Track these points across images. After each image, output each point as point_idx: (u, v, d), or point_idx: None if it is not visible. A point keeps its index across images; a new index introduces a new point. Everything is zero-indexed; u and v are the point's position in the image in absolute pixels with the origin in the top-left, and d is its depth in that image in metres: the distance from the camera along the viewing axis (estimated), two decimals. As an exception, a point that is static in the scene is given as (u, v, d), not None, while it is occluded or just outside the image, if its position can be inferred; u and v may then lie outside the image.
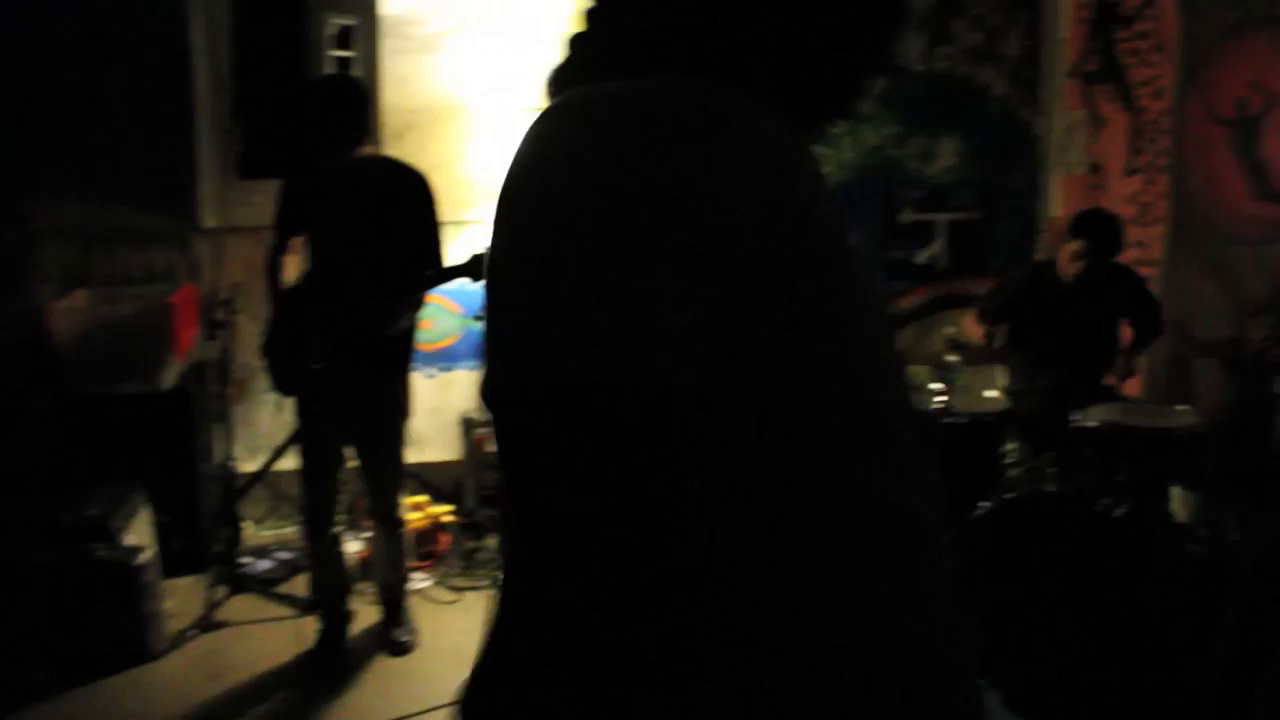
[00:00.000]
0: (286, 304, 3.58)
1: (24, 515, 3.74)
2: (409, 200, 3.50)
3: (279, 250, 3.64)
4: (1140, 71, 5.01)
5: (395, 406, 3.62)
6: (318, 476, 3.62)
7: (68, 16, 4.48)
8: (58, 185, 4.59)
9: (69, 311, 4.30)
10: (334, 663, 3.66)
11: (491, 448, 4.72)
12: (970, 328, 4.56)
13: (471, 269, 3.28)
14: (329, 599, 3.74)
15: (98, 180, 4.63)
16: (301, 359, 3.43)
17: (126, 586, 3.63)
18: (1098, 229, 4.19)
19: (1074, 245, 4.16)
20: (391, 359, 3.58)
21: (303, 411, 3.59)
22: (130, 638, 3.65)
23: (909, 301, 5.53)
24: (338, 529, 3.73)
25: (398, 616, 3.82)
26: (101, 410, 4.20)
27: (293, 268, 3.66)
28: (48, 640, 3.54)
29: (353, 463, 3.71)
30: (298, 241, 3.64)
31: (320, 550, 3.70)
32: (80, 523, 3.73)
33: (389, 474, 3.70)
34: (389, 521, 3.74)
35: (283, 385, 3.55)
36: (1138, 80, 5.03)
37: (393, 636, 3.77)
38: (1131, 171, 5.08)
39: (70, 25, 4.49)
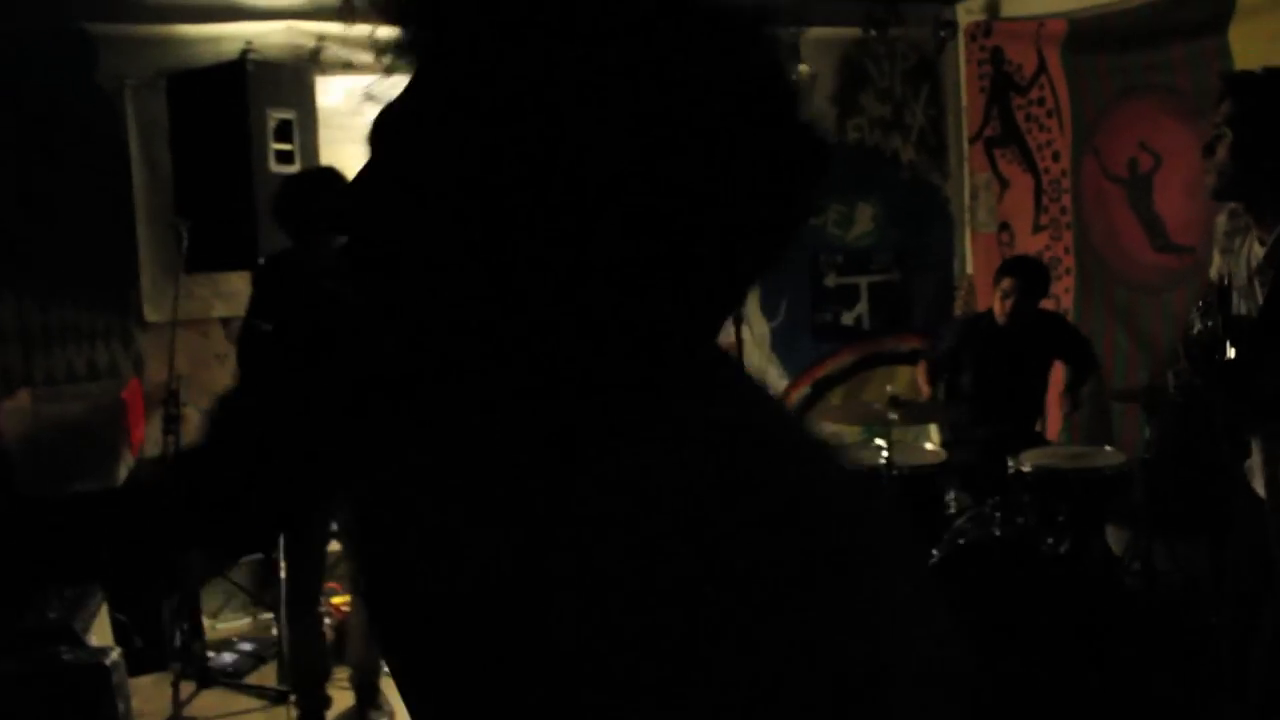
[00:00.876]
0: (221, 410, 3.61)
1: (-16, 623, 3.67)
2: None
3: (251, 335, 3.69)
4: (1038, 135, 5.37)
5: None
6: (305, 556, 3.66)
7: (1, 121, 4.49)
8: (-7, 286, 4.56)
9: (15, 412, 4.26)
10: None
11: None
12: (920, 381, 4.82)
13: None
14: (308, 683, 3.75)
15: (36, 279, 4.60)
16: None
17: (98, 689, 3.58)
18: (1024, 269, 4.51)
19: (1005, 283, 4.45)
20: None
21: None
22: (102, 741, 3.60)
23: (839, 361, 5.77)
24: (322, 609, 3.75)
25: (374, 698, 3.83)
26: (50, 508, 4.15)
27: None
28: (18, 750, 3.48)
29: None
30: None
31: (300, 634, 3.71)
32: (44, 627, 3.69)
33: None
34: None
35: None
36: (1036, 143, 5.39)
37: (371, 719, 3.78)
38: (1038, 229, 5.42)
39: (3, 129, 4.49)
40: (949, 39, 5.71)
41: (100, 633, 3.93)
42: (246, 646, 4.39)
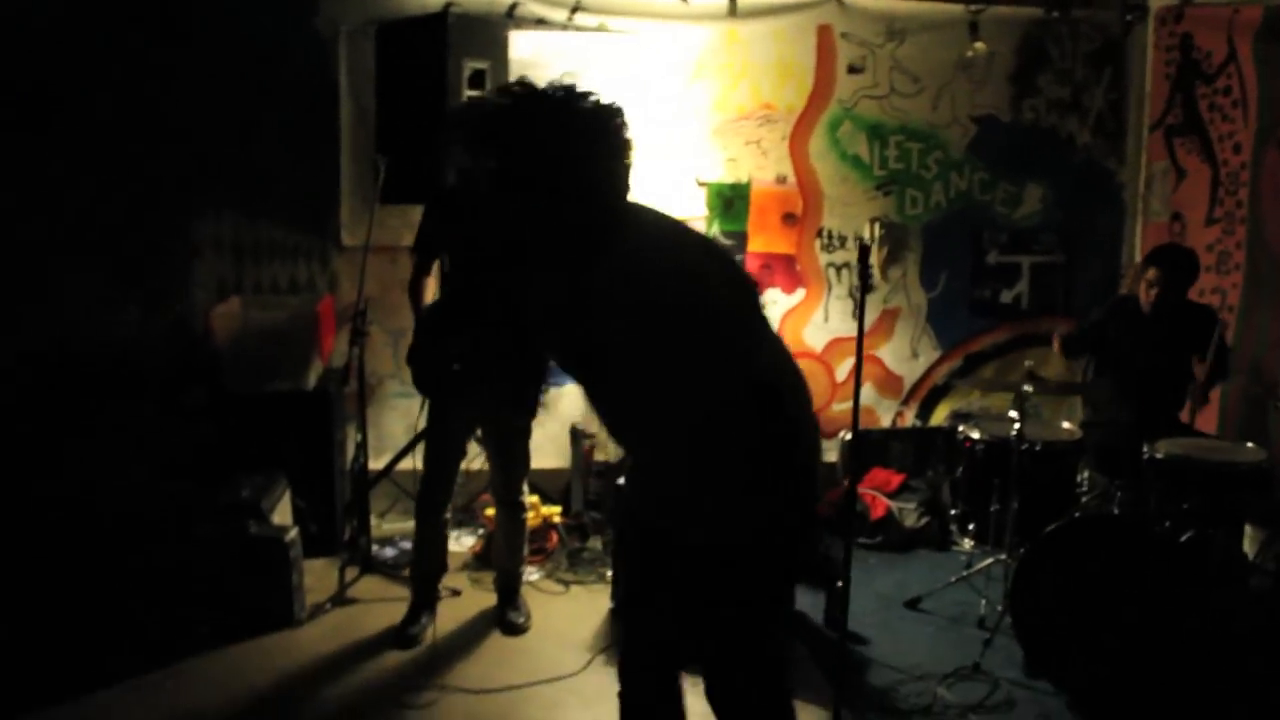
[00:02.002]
0: (429, 316, 4.01)
1: (189, 495, 4.21)
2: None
3: (422, 269, 4.08)
4: (1220, 126, 5.27)
5: (524, 404, 4.01)
6: (441, 466, 4.06)
7: (229, 59, 5.00)
8: (216, 204, 5.11)
9: (226, 316, 4.80)
10: (418, 636, 4.04)
11: (598, 457, 5.16)
12: (1054, 346, 4.86)
13: None
14: (425, 577, 4.16)
15: (251, 200, 5.14)
16: (440, 363, 3.87)
17: (277, 560, 4.09)
18: (1171, 258, 4.48)
19: (1150, 273, 4.44)
20: (518, 363, 3.92)
21: (436, 409, 4.02)
22: (277, 606, 4.10)
23: (993, 338, 5.82)
24: (446, 516, 4.14)
25: (514, 600, 4.22)
26: (252, 405, 4.68)
27: (431, 287, 4.11)
28: (209, 603, 4.00)
29: (475, 463, 4.12)
30: (436, 262, 4.08)
31: (427, 533, 4.11)
32: (236, 503, 4.21)
33: (516, 463, 4.13)
34: (513, 505, 4.16)
35: (424, 387, 3.99)
36: (1218, 134, 5.29)
37: (508, 618, 4.17)
38: (1211, 221, 5.33)
39: (231, 66, 5.01)
40: (1137, 22, 5.63)
41: (282, 516, 4.43)
42: (405, 544, 4.83)
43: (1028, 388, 4.17)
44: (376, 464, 5.00)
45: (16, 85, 4.77)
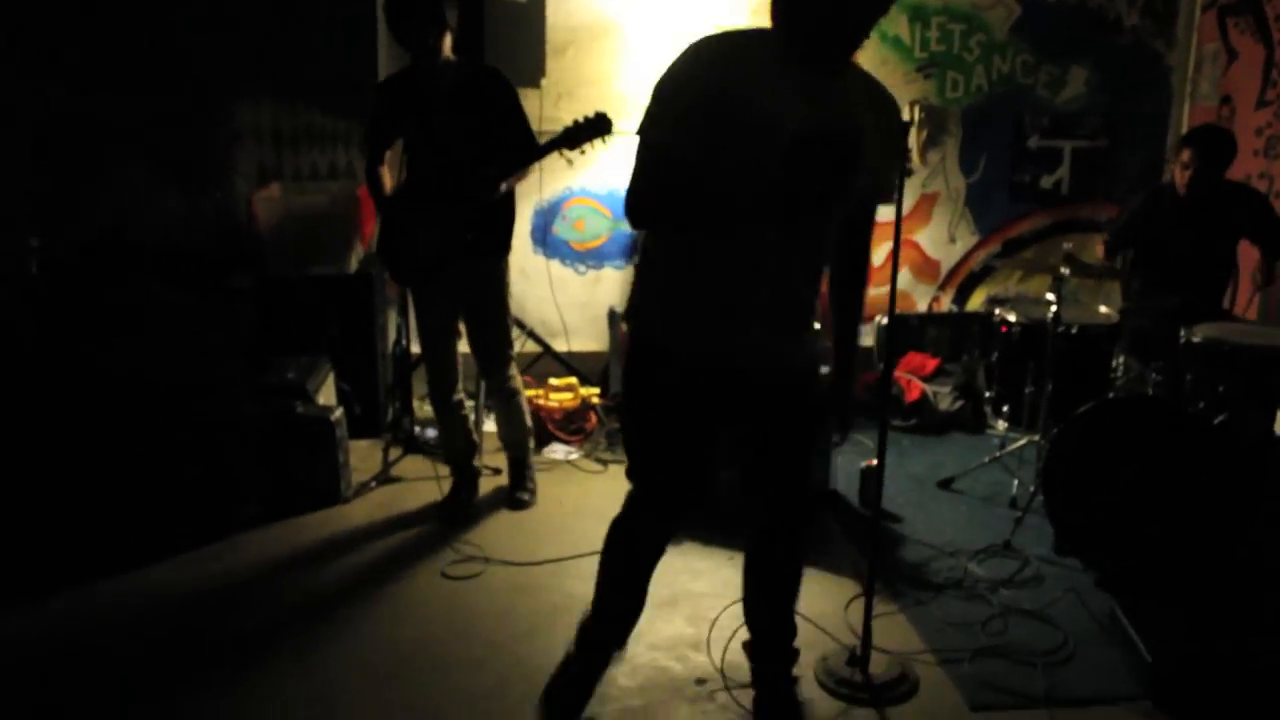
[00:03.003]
0: (393, 205, 3.98)
1: (236, 375, 4.31)
2: (489, 93, 3.83)
3: (376, 159, 4.01)
4: (1278, 4, 5.12)
5: (496, 286, 4.01)
6: (435, 352, 4.10)
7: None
8: (254, 90, 5.11)
9: (269, 201, 4.85)
10: (459, 512, 4.16)
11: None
12: (1099, 251, 4.82)
13: (599, 125, 3.70)
14: (456, 457, 4.26)
15: (289, 86, 5.14)
16: (411, 254, 3.90)
17: (323, 439, 4.20)
18: (1204, 138, 4.38)
19: (1184, 155, 4.36)
20: (489, 245, 3.93)
21: (418, 299, 4.07)
22: (324, 483, 4.23)
23: (1032, 224, 5.78)
24: (458, 397, 4.18)
25: (520, 476, 4.34)
26: (294, 289, 4.76)
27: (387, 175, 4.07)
28: (257, 480, 4.13)
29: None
30: (393, 149, 4.03)
31: (445, 416, 4.19)
32: (282, 384, 4.31)
33: (496, 347, 4.11)
34: (501, 391, 4.19)
35: (400, 278, 4.04)
36: (1275, 12, 5.14)
37: (515, 495, 4.30)
38: (1262, 104, 5.22)
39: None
40: (1193, -105, 5.45)
41: (326, 397, 4.54)
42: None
43: (1065, 270, 4.16)
44: (417, 347, 5.08)
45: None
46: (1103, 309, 4.57)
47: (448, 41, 3.78)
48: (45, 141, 4.91)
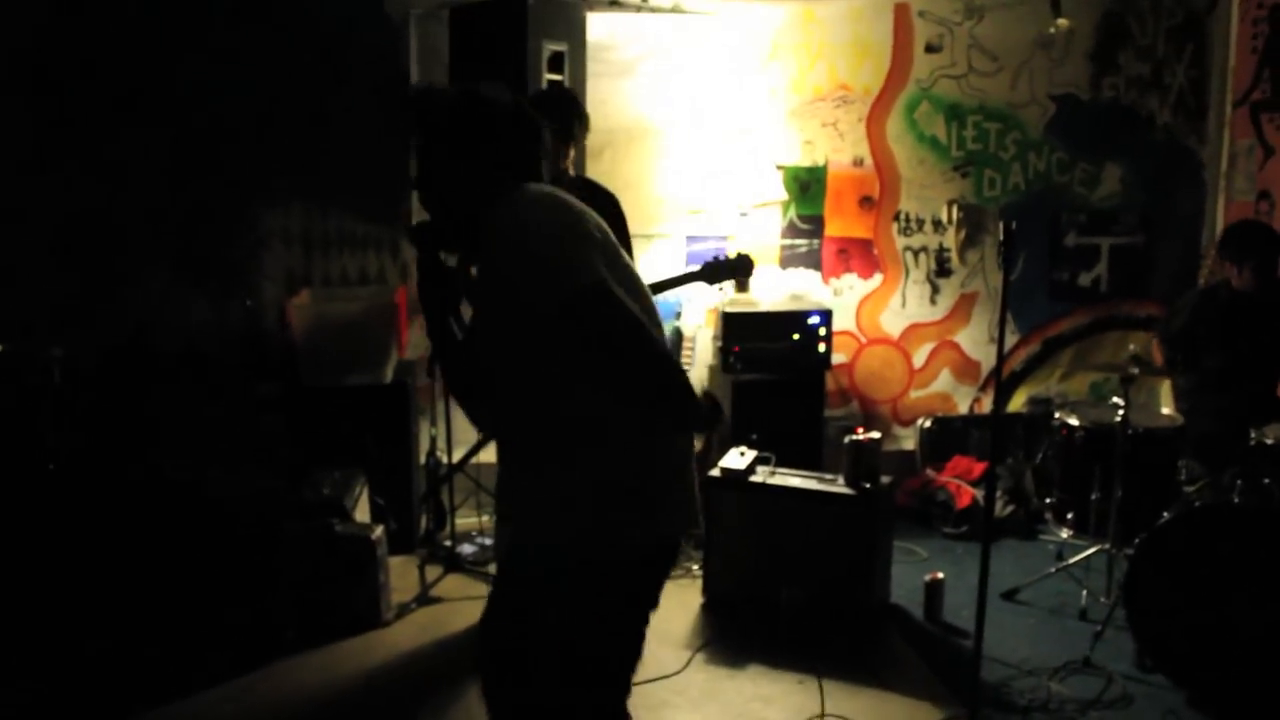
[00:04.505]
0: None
1: (270, 492, 4.13)
2: (606, 216, 3.79)
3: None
4: (1312, 101, 5.11)
5: None
6: None
7: (297, 45, 4.91)
8: (284, 194, 5.02)
9: (303, 308, 4.71)
10: None
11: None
12: (1155, 353, 4.73)
13: (741, 265, 3.60)
14: None
15: (320, 190, 5.05)
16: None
17: (363, 560, 4.00)
18: (1262, 244, 4.36)
19: (1243, 267, 4.33)
20: None
21: None
22: (364, 605, 4.02)
23: (1072, 322, 5.69)
24: None
25: None
26: (327, 399, 4.59)
27: None
28: (295, 604, 3.92)
29: None
30: None
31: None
32: (320, 500, 4.13)
33: None
34: None
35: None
36: (1308, 110, 5.13)
37: None
38: (1302, 199, 5.17)
39: (300, 51, 4.92)
40: (1221, -4, 5.48)
41: (361, 512, 4.36)
42: (485, 540, 4.75)
43: (1134, 370, 4.04)
44: (449, 458, 4.91)
45: (95, 75, 4.71)
46: (1165, 411, 4.46)
47: (572, 155, 3.73)
48: (67, 244, 4.79)
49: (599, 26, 4.94)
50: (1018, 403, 5.73)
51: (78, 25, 4.65)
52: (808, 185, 5.38)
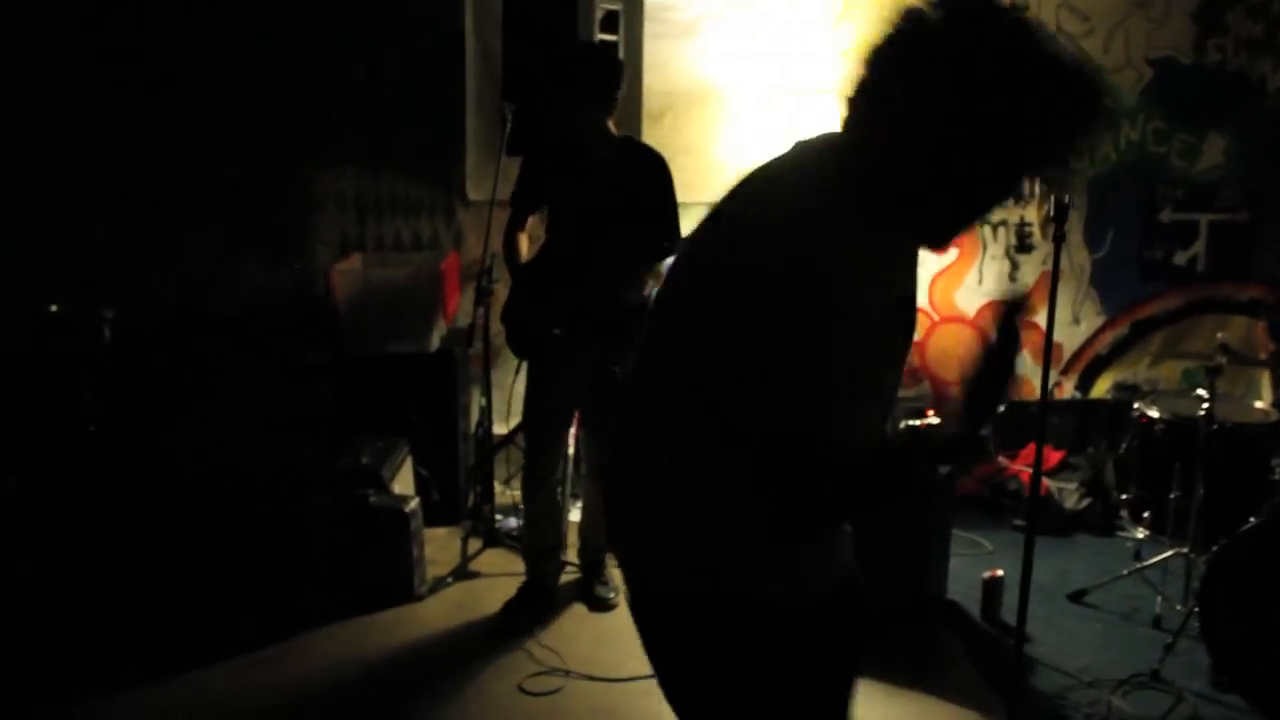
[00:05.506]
0: (527, 273, 3.76)
1: (308, 461, 4.06)
2: (647, 179, 3.64)
3: (516, 223, 3.83)
4: None
5: (608, 368, 3.70)
6: (543, 433, 3.86)
7: (352, 5, 4.80)
8: (337, 158, 4.93)
9: (348, 273, 4.62)
10: (526, 619, 3.80)
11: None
12: (1259, 338, 4.36)
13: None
14: (536, 555, 3.93)
15: (373, 154, 4.95)
16: (539, 325, 3.64)
17: (397, 531, 3.90)
18: None
19: None
20: (625, 328, 3.61)
21: (534, 374, 3.81)
22: (397, 578, 3.92)
23: (1164, 303, 5.31)
24: (556, 484, 3.92)
25: (600, 573, 3.99)
26: (373, 366, 4.51)
27: (524, 242, 3.86)
28: (325, 574, 3.85)
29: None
30: (534, 216, 3.86)
31: (534, 508, 3.90)
32: (356, 469, 4.04)
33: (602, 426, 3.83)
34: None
35: (520, 349, 3.77)
36: None
37: (595, 592, 3.95)
38: None
39: (354, 13, 4.80)
40: (1346, -53, 5.01)
41: (403, 483, 4.26)
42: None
43: (1221, 359, 3.72)
44: (501, 428, 4.80)
45: (149, 43, 4.67)
46: (1258, 404, 4.11)
47: (614, 116, 3.62)
48: (123, 208, 4.78)
49: (659, -16, 4.72)
50: (1102, 388, 5.39)
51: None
52: (880, 153, 5.09)
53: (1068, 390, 5.36)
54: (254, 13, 4.72)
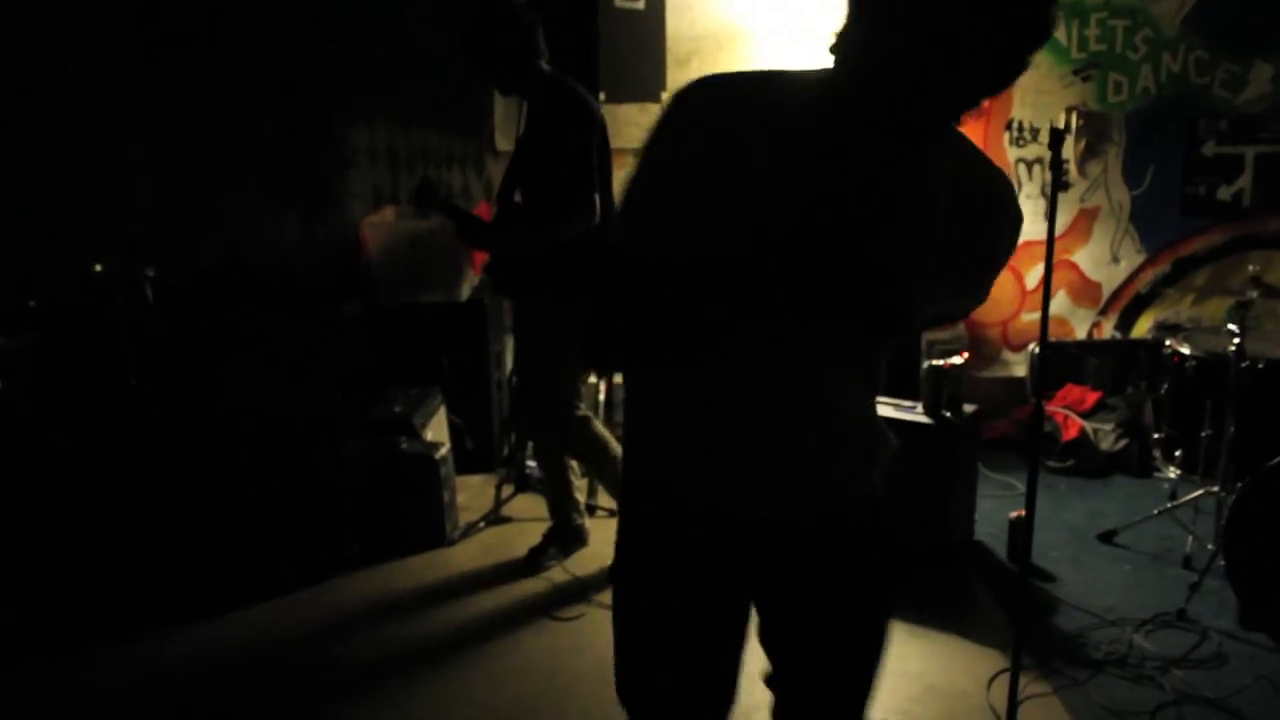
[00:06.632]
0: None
1: (342, 409, 4.15)
2: (534, 115, 3.40)
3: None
4: None
5: (529, 332, 3.64)
6: (525, 394, 3.83)
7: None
8: (369, 111, 4.98)
9: (379, 226, 4.69)
10: (541, 564, 3.85)
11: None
12: None
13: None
14: (553, 501, 3.96)
15: (404, 107, 4.99)
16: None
17: (428, 478, 3.99)
18: None
19: None
20: (519, 284, 3.54)
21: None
22: (429, 523, 4.02)
23: (1207, 240, 5.19)
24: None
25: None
26: (405, 318, 4.59)
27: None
28: (360, 519, 3.96)
29: None
30: None
31: (547, 468, 3.90)
32: (389, 418, 4.13)
33: (527, 394, 3.76)
34: (541, 450, 3.90)
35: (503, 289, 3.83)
36: None
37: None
38: None
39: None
40: None
41: (437, 431, 4.34)
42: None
43: (1253, 294, 3.64)
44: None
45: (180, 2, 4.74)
46: (1294, 340, 4.02)
47: (538, 57, 3.41)
48: (162, 168, 4.87)
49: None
50: (1143, 328, 5.29)
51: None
52: (911, 93, 5.02)
53: (1107, 330, 5.28)
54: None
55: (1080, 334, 5.30)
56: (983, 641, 3.33)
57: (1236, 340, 3.61)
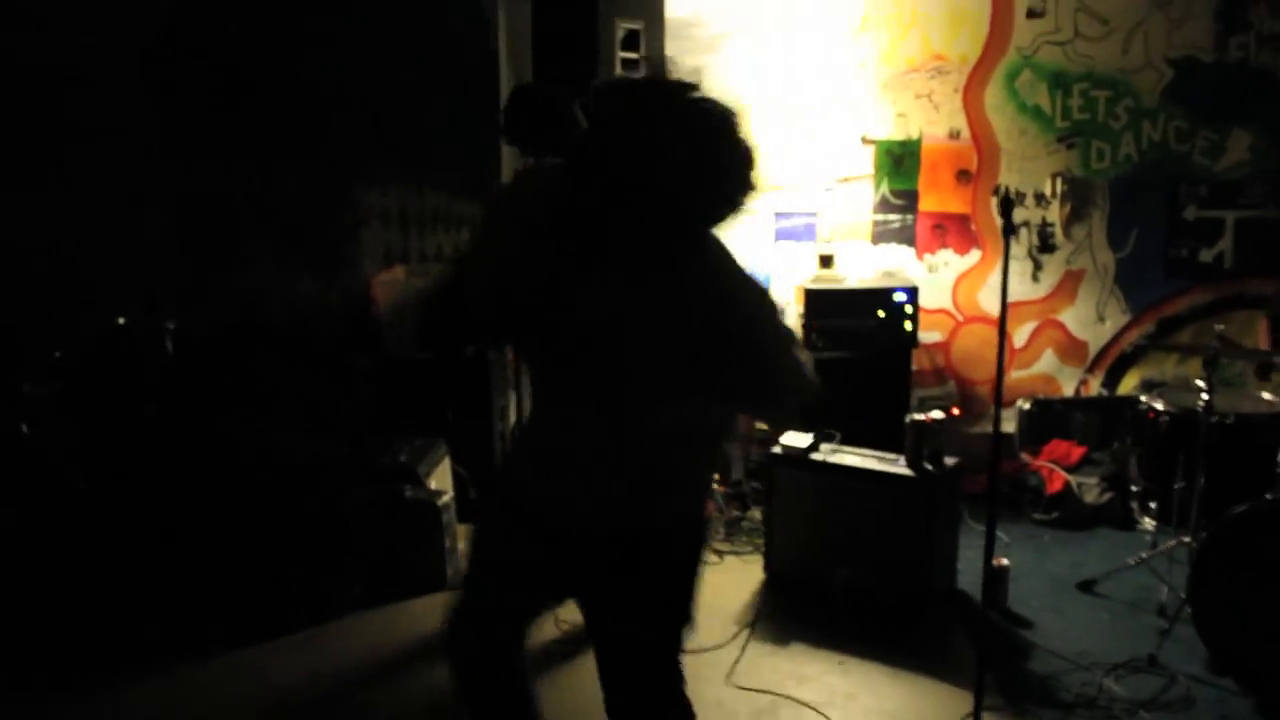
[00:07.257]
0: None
1: (351, 457, 4.34)
2: None
3: None
4: None
5: None
6: None
7: (389, 29, 5.08)
8: (383, 175, 5.22)
9: (388, 283, 4.91)
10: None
11: (758, 426, 5.03)
12: (1260, 334, 4.42)
13: None
14: None
15: (415, 171, 5.23)
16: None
17: (431, 524, 4.17)
18: None
19: None
20: None
21: None
22: (431, 567, 4.18)
23: (1190, 300, 5.34)
24: None
25: None
26: (413, 371, 4.78)
27: None
28: (365, 562, 4.12)
29: None
30: None
31: None
32: (394, 467, 4.31)
33: None
34: None
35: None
36: None
37: None
38: None
39: (391, 36, 5.09)
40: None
41: (441, 480, 4.51)
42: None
43: (1214, 343, 3.81)
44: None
45: (206, 66, 5.01)
46: (1266, 395, 4.17)
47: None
48: (185, 227, 5.12)
49: (684, 3, 4.93)
50: (1129, 385, 5.44)
51: (192, 18, 4.95)
52: (901, 159, 5.24)
53: (1094, 387, 5.43)
54: (300, 35, 5.02)
55: (1068, 391, 5.45)
56: (957, 683, 3.45)
57: (1205, 396, 3.77)
